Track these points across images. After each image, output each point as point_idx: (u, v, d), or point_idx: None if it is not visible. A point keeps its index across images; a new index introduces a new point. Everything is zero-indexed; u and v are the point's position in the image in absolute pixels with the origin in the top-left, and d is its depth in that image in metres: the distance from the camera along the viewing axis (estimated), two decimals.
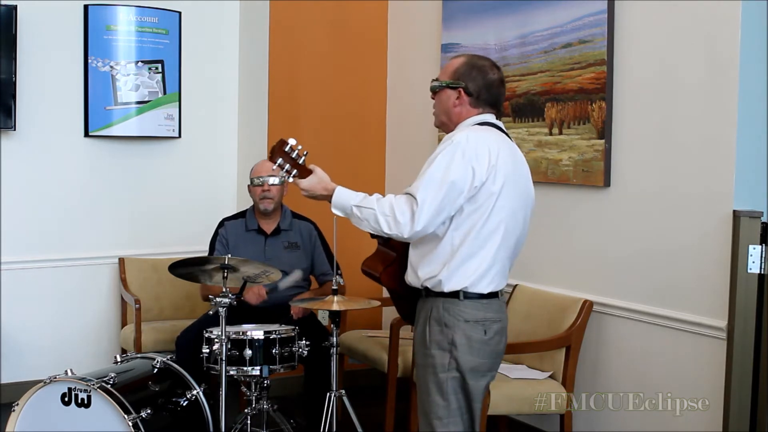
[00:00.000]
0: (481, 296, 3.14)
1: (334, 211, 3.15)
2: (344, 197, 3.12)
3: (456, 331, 3.13)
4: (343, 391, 4.20)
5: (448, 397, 3.14)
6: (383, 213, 3.04)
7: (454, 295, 3.12)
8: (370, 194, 3.15)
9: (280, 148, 3.20)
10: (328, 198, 3.16)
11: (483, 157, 3.06)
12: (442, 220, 3.07)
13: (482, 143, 3.09)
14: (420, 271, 3.17)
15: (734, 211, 3.84)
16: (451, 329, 3.13)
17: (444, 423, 3.14)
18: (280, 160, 3.19)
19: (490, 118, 3.26)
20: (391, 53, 6.19)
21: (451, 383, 3.14)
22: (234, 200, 6.22)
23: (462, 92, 3.23)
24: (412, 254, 3.22)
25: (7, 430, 3.87)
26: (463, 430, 3.16)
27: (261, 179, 4.82)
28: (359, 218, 3.09)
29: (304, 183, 3.19)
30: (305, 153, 3.23)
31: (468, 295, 3.12)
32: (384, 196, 3.12)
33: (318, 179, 3.20)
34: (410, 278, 3.24)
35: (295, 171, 3.20)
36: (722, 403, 3.87)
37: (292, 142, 3.21)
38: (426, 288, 3.17)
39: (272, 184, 4.80)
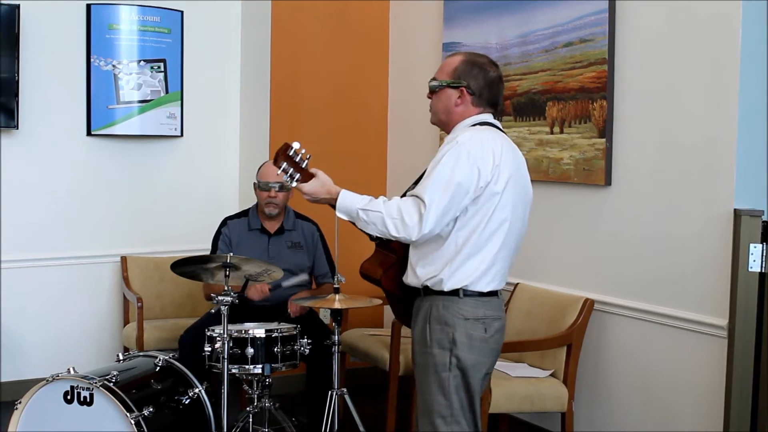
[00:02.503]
0: (481, 294, 3.15)
1: (338, 215, 3.13)
2: (349, 201, 3.10)
3: (456, 329, 3.13)
4: (345, 390, 4.20)
5: (450, 396, 3.14)
6: (390, 216, 3.03)
7: (454, 293, 3.13)
8: (373, 194, 3.15)
9: (284, 152, 3.18)
10: (331, 202, 3.14)
11: (488, 158, 3.08)
12: (447, 221, 3.07)
13: (487, 144, 3.10)
14: (420, 271, 3.17)
15: (735, 210, 3.84)
16: (452, 327, 3.13)
17: (447, 422, 3.14)
18: (284, 165, 3.16)
19: (489, 117, 3.27)
20: (392, 52, 6.20)
21: (453, 381, 3.13)
22: (236, 199, 6.22)
23: (464, 91, 3.23)
24: (412, 254, 3.22)
25: (9, 428, 3.87)
26: (466, 428, 3.16)
27: (268, 185, 4.84)
28: (365, 222, 3.07)
29: (307, 187, 3.16)
30: (308, 156, 3.21)
31: (468, 293, 3.13)
32: (386, 195, 3.13)
33: (321, 183, 3.17)
34: (409, 278, 3.24)
35: (298, 175, 3.17)
36: (723, 402, 3.88)
37: (296, 146, 3.19)
38: (425, 287, 3.17)
39: (278, 191, 4.83)
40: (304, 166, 3.20)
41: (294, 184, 3.17)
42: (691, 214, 4.08)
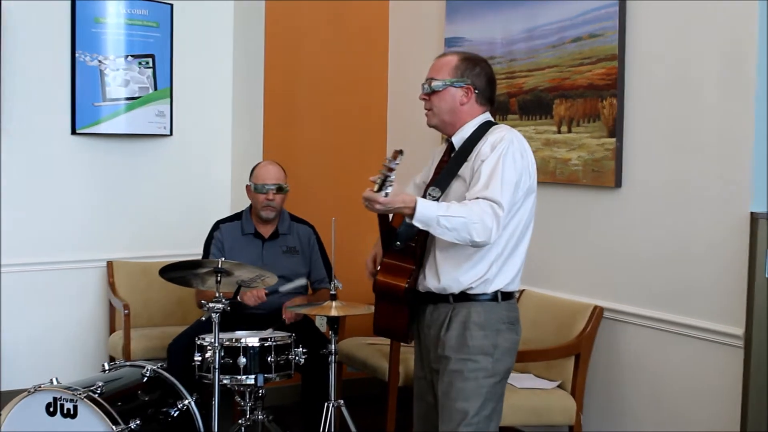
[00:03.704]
0: (511, 295, 3.30)
1: (415, 223, 3.09)
2: (428, 209, 3.07)
3: (500, 334, 3.26)
4: (342, 401, 4.22)
5: (486, 402, 3.23)
6: (473, 221, 3.06)
7: (494, 297, 3.24)
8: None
9: (395, 160, 3.04)
10: (406, 210, 3.09)
11: (530, 156, 3.27)
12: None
13: (525, 143, 3.29)
14: (465, 275, 3.23)
15: (751, 213, 3.84)
16: (494, 333, 3.25)
17: (479, 427, 3.21)
18: (392, 176, 3.06)
19: (490, 116, 3.39)
20: (392, 48, 6.23)
21: (494, 388, 3.26)
22: (228, 201, 6.24)
23: (471, 89, 3.31)
24: (446, 258, 3.25)
25: None
26: None
27: (266, 187, 4.84)
28: (447, 228, 3.07)
29: (383, 197, 3.07)
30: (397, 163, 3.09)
31: (504, 296, 3.27)
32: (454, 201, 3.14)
33: (394, 192, 3.10)
34: (443, 283, 3.26)
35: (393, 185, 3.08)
36: (739, 414, 3.88)
37: (403, 152, 3.08)
38: (462, 293, 3.24)
39: (276, 194, 4.83)
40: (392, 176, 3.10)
41: (386, 193, 3.06)
42: (705, 218, 4.08)
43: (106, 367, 4.26)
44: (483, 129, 3.32)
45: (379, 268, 3.37)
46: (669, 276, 4.25)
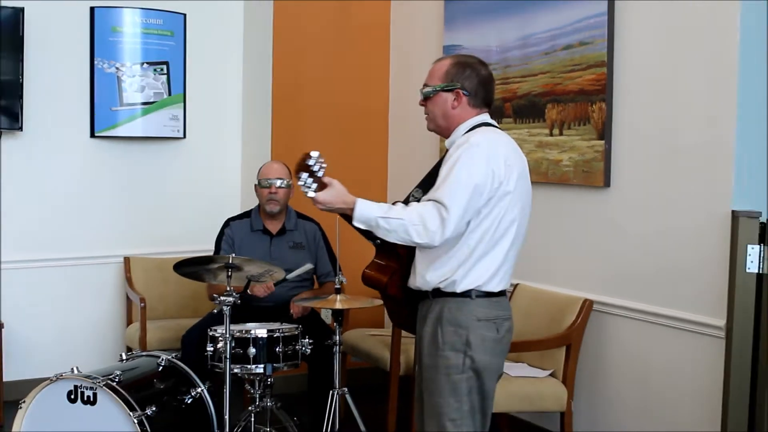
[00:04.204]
0: (492, 294, 3.13)
1: (355, 224, 3.06)
2: (367, 210, 3.02)
3: (470, 331, 3.10)
4: (346, 389, 4.20)
5: (461, 398, 3.10)
6: (412, 223, 2.97)
7: (466, 294, 3.10)
8: (375, 196, 3.13)
9: (303, 162, 3.05)
10: (347, 211, 3.06)
11: (500, 159, 3.06)
12: (465, 223, 3.04)
13: (498, 144, 3.10)
14: (432, 274, 3.13)
15: (733, 211, 3.84)
16: (465, 329, 3.10)
17: (457, 424, 3.11)
18: (304, 176, 3.04)
19: (487, 117, 3.24)
20: (393, 54, 6.21)
21: (467, 384, 3.10)
22: (238, 200, 6.23)
23: (460, 93, 3.19)
24: (421, 258, 3.19)
25: (14, 427, 3.87)
26: (475, 431, 3.14)
27: (268, 181, 4.86)
28: (387, 230, 3.00)
29: (321, 197, 3.05)
30: (324, 165, 3.08)
31: (479, 294, 3.11)
32: (387, 196, 3.11)
33: (336, 192, 3.06)
34: (417, 282, 3.20)
35: (315, 185, 3.06)
36: (721, 401, 3.87)
37: (315, 154, 3.05)
38: (436, 289, 3.14)
39: (279, 187, 4.84)
40: (320, 175, 3.09)
41: (311, 194, 3.06)
42: (689, 216, 4.08)
43: (124, 357, 4.24)
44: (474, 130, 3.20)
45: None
46: (655, 270, 4.25)
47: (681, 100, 4.12)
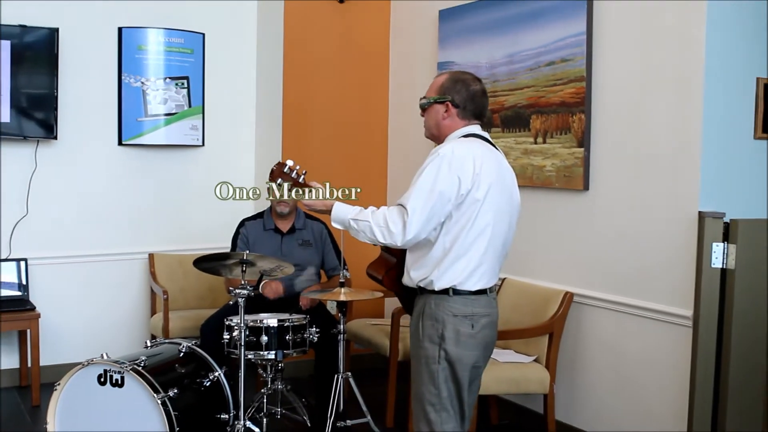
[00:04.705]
0: (470, 293, 3.09)
1: (333, 224, 3.10)
2: (342, 212, 3.07)
3: (446, 325, 3.07)
4: (350, 373, 4.22)
5: (439, 386, 3.09)
6: (377, 224, 2.99)
7: (444, 292, 3.07)
8: (375, 201, 3.13)
9: (279, 169, 3.23)
10: (327, 212, 3.13)
11: (468, 167, 3.01)
12: (433, 227, 3.01)
13: (467, 154, 3.03)
14: (413, 273, 3.13)
15: (699, 212, 3.84)
16: (441, 324, 3.07)
17: (436, 409, 3.09)
18: (279, 180, 3.21)
19: (476, 129, 3.19)
20: (392, 70, 6.22)
21: (442, 373, 3.08)
22: (251, 202, 6.22)
23: (449, 105, 3.16)
24: (408, 258, 3.18)
25: (49, 408, 3.87)
26: (453, 415, 3.11)
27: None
28: (356, 230, 3.05)
29: (305, 199, 3.16)
30: (304, 172, 3.23)
31: (457, 292, 3.07)
32: (386, 200, 3.11)
33: (317, 195, 3.16)
34: (405, 279, 3.20)
35: (295, 188, 3.20)
36: (688, 384, 3.88)
37: (289, 163, 3.23)
38: (419, 287, 3.13)
39: (281, 201, 4.83)
40: (301, 180, 3.22)
41: (293, 195, 3.17)
42: (660, 216, 4.08)
43: (148, 344, 4.27)
44: (450, 141, 3.16)
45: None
46: (629, 266, 4.25)
47: (652, 112, 4.11)
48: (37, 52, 5.42)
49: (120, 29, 5.77)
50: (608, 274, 4.38)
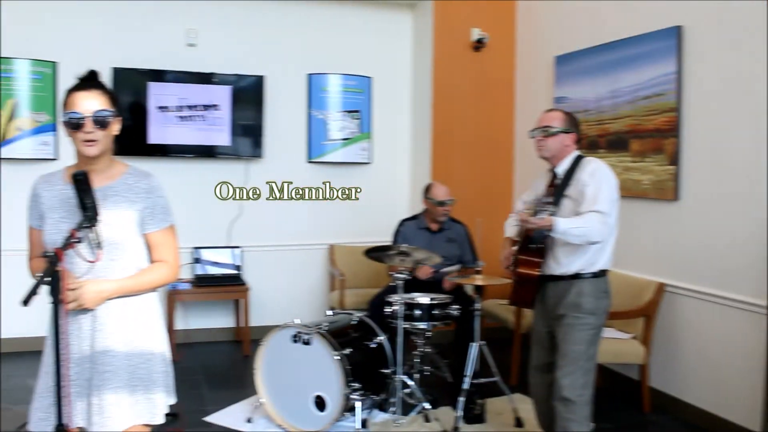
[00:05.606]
0: (606, 272, 3.25)
1: (554, 235, 3.09)
2: (563, 225, 3.07)
3: (599, 300, 3.20)
4: (483, 342, 4.17)
5: (590, 346, 3.19)
6: (592, 230, 3.07)
7: (600, 274, 3.21)
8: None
9: (533, 214, 3.17)
10: (548, 228, 3.08)
11: (616, 179, 3.21)
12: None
13: (611, 169, 3.23)
14: (577, 261, 3.18)
15: None
16: (600, 299, 3.20)
17: (590, 364, 3.20)
18: (539, 208, 3.16)
19: (578, 152, 3.34)
20: (517, 103, 6.15)
21: (595, 337, 3.20)
22: (406, 206, 6.30)
23: (575, 136, 3.29)
24: (562, 252, 3.20)
25: (256, 357, 4.02)
26: (593, 366, 3.24)
27: (444, 202, 4.79)
28: (576, 236, 3.07)
29: (535, 221, 3.11)
30: (547, 209, 3.17)
31: (604, 273, 3.23)
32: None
33: (543, 219, 3.10)
34: (563, 269, 3.22)
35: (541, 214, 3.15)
36: (765, 365, 3.76)
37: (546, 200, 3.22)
38: (577, 273, 3.19)
39: (449, 205, 4.80)
40: (542, 216, 3.12)
41: (543, 216, 3.11)
42: (739, 221, 3.97)
43: (329, 314, 4.35)
44: (576, 161, 3.27)
45: (516, 262, 3.30)
46: (713, 261, 4.15)
47: (733, 136, 4.01)
48: (249, 93, 5.70)
49: (309, 75, 5.96)
50: (693, 267, 4.28)
